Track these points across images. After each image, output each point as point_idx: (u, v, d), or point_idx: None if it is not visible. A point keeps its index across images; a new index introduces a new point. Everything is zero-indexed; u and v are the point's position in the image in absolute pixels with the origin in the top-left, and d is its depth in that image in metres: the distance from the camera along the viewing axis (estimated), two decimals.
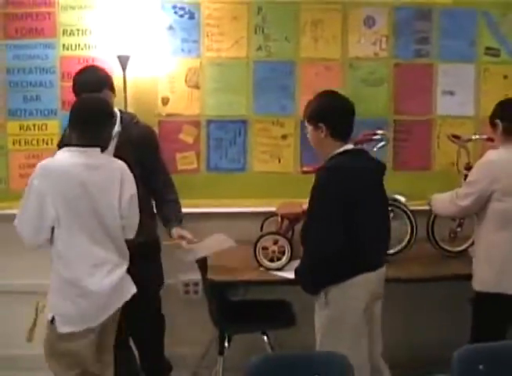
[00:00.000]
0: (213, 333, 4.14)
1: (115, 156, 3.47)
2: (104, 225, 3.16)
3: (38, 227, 3.08)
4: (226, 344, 3.77)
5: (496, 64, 4.36)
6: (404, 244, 3.94)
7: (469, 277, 3.58)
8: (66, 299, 3.12)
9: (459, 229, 4.01)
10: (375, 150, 3.84)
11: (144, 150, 3.66)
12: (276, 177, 4.31)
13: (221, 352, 3.73)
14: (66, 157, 3.12)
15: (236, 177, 4.31)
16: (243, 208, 4.27)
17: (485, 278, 3.45)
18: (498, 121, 3.51)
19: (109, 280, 3.17)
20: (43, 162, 3.11)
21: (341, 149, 3.13)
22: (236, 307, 3.93)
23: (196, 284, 4.34)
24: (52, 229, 3.10)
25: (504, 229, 3.39)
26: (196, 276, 4.20)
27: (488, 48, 4.34)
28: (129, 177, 3.26)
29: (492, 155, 3.49)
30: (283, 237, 3.74)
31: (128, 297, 3.30)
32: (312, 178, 3.72)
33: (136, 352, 3.95)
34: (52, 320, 3.13)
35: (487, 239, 3.48)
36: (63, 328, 3.11)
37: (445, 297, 4.18)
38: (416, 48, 4.31)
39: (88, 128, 3.13)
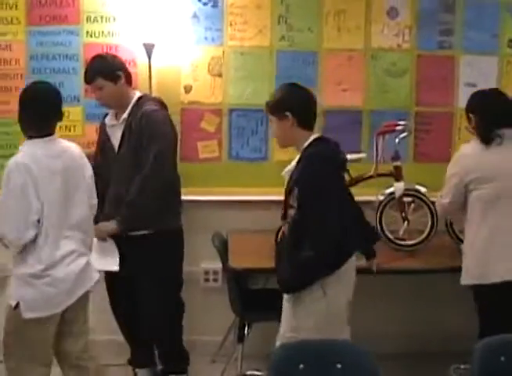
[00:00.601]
0: (232, 321, 4.20)
1: (120, 144, 3.61)
2: (74, 215, 3.16)
3: (25, 223, 3.01)
4: (246, 332, 3.81)
5: None
6: (424, 235, 3.94)
7: None
8: (34, 287, 3.08)
9: None
10: (397, 140, 3.88)
11: (137, 139, 3.66)
12: None
13: (240, 340, 3.76)
14: (34, 148, 3.10)
15: (258, 166, 4.33)
16: (265, 197, 4.27)
17: (470, 271, 3.47)
18: (471, 115, 3.55)
19: (75, 267, 3.16)
20: (14, 159, 3.05)
21: (312, 137, 3.12)
22: (255, 295, 3.97)
23: (216, 273, 4.38)
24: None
25: (484, 220, 3.39)
26: (217, 264, 4.26)
27: (511, 41, 4.33)
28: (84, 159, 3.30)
29: (464, 149, 3.53)
30: None
31: (92, 284, 3.29)
32: None
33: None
34: (16, 306, 3.08)
35: (470, 230, 3.48)
36: (28, 314, 3.08)
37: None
38: (439, 40, 4.31)
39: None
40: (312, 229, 3.00)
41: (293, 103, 3.12)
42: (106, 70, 3.63)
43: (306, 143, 3.10)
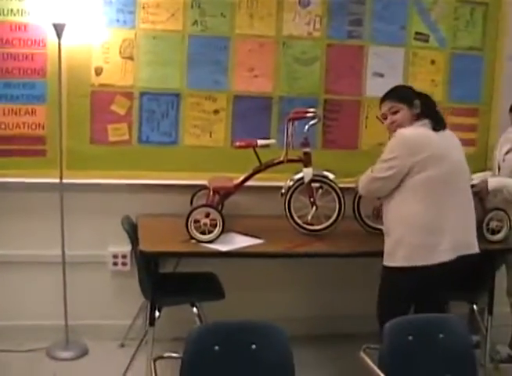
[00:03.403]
0: (140, 305, 4.20)
1: None
2: None
3: None
4: (156, 315, 3.80)
5: (425, 49, 4.50)
6: (332, 220, 4.03)
7: None
8: None
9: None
10: (307, 127, 3.93)
11: None
12: (207, 151, 4.34)
13: (151, 323, 3.73)
14: None
15: (168, 150, 4.30)
16: (174, 181, 4.27)
17: (411, 252, 3.46)
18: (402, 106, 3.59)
19: None
20: None
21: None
22: (165, 279, 3.93)
23: (124, 256, 4.35)
24: None
25: (426, 200, 3.43)
26: (125, 247, 4.25)
27: (417, 33, 4.48)
28: None
29: (405, 132, 3.52)
30: (216, 210, 3.78)
31: None
32: (244, 152, 3.90)
33: None
34: None
35: (408, 212, 3.48)
36: None
37: (367, 272, 4.32)
38: (349, 30, 4.38)
39: None
40: None
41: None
42: None
43: None
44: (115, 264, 4.37)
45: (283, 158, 3.93)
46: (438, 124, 3.54)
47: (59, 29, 3.89)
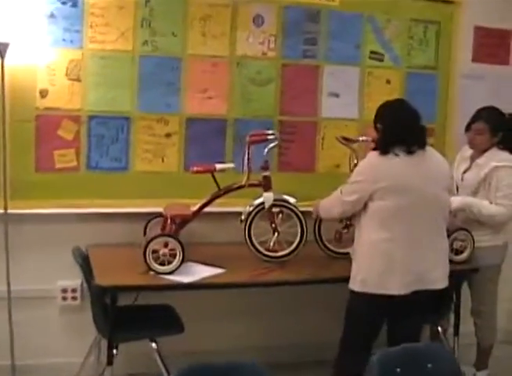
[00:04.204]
0: (92, 341, 3.95)
1: None
2: None
3: None
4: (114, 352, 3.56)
5: (380, 68, 4.45)
6: (294, 245, 3.89)
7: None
8: None
9: (345, 231, 4.01)
10: (266, 150, 3.80)
11: None
12: (160, 177, 4.13)
13: (109, 362, 3.48)
14: None
15: (118, 176, 4.08)
16: (126, 209, 4.07)
17: (367, 278, 3.43)
18: (379, 126, 3.55)
19: None
20: None
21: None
22: (121, 314, 3.71)
23: (74, 290, 4.09)
24: None
25: (384, 229, 3.38)
26: (75, 281, 4.05)
27: (372, 52, 4.42)
28: None
29: (373, 157, 3.48)
30: (175, 240, 3.57)
31: None
32: (199, 178, 3.76)
33: None
34: None
35: (368, 239, 3.45)
36: None
37: (328, 297, 4.17)
38: (304, 49, 4.28)
39: None
40: None
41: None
42: None
43: None
44: (64, 299, 4.10)
45: (244, 182, 3.78)
46: (414, 145, 3.44)
47: (1, 48, 3.63)
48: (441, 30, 4.55)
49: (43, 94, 3.92)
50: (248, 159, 3.75)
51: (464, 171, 4.16)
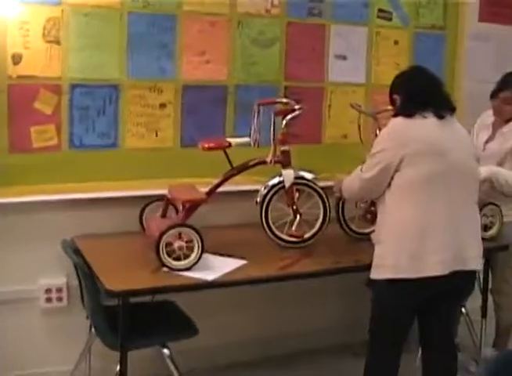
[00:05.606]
0: (83, 347, 3.41)
1: None
2: None
3: None
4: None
5: (388, 28, 4.04)
6: (316, 228, 3.47)
7: None
8: None
9: (372, 209, 3.54)
10: (284, 121, 3.33)
11: None
12: (154, 154, 3.60)
13: (123, 373, 2.96)
14: None
15: (106, 155, 3.52)
16: (117, 193, 3.53)
17: (399, 263, 2.98)
18: (396, 96, 3.14)
19: None
20: None
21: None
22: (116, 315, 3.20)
23: (59, 290, 3.53)
24: None
25: (414, 202, 2.95)
26: (60, 279, 3.52)
27: (380, 11, 4.00)
28: None
29: (398, 121, 3.05)
30: (193, 230, 3.04)
31: None
32: (199, 154, 3.32)
33: None
34: None
35: (395, 216, 3.01)
36: None
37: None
38: (310, 6, 3.80)
39: None
40: None
41: None
42: None
43: None
44: (48, 300, 3.53)
45: (270, 158, 3.32)
46: (442, 109, 3.06)
47: None
48: None
49: (16, 60, 3.29)
50: (274, 130, 3.30)
51: (486, 141, 3.86)
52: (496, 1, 4.39)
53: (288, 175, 3.37)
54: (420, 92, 3.07)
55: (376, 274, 3.06)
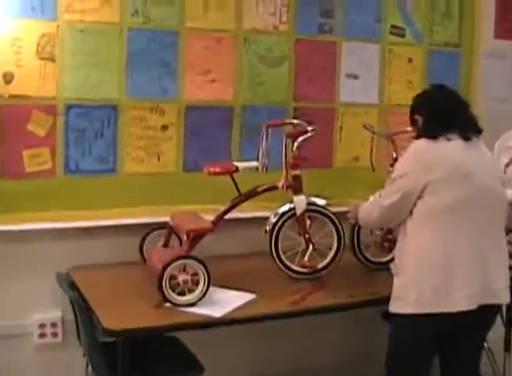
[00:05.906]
0: None
1: None
2: None
3: None
4: None
5: (401, 45, 3.86)
6: (330, 258, 3.26)
7: None
8: None
9: (390, 236, 3.33)
10: (296, 144, 3.14)
11: None
12: (155, 180, 3.39)
13: None
14: None
15: (104, 181, 3.32)
16: (115, 221, 3.33)
17: (421, 296, 2.77)
18: (418, 117, 2.96)
19: None
20: None
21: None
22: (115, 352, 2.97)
23: (54, 325, 3.30)
24: None
25: (438, 231, 2.76)
26: (54, 313, 3.29)
27: (393, 27, 3.82)
28: None
29: (420, 144, 2.86)
30: (198, 262, 2.84)
31: None
32: (202, 180, 3.18)
33: None
34: None
35: (417, 246, 2.81)
36: None
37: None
38: (320, 23, 3.62)
39: None
40: None
41: None
42: None
43: None
44: (42, 335, 3.31)
45: (282, 183, 3.11)
46: (469, 132, 2.87)
47: None
48: (464, 3, 4.02)
49: (7, 78, 3.10)
50: (285, 154, 3.11)
51: (507, 164, 3.67)
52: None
53: (300, 201, 3.16)
54: (445, 113, 2.88)
55: (396, 308, 2.84)
